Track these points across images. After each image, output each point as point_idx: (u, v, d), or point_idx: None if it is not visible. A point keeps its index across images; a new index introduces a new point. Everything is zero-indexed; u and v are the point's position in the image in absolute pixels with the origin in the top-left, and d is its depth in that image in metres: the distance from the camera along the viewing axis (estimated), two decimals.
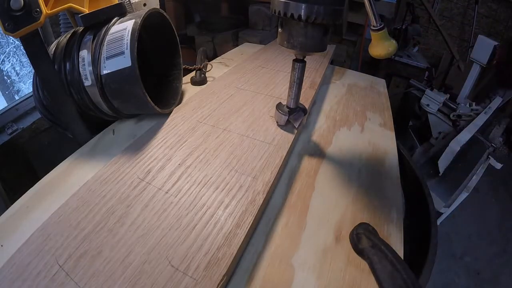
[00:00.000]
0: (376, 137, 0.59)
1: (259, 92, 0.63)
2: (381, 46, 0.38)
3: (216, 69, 0.79)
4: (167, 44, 0.61)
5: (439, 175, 1.28)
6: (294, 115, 0.50)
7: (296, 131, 0.50)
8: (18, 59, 1.48)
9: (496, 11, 2.26)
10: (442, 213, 1.22)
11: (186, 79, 0.72)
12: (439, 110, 1.47)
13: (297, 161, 0.50)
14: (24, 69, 1.49)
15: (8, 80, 1.48)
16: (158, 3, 0.65)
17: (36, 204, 0.39)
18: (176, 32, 0.60)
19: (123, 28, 0.45)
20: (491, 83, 1.50)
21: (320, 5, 0.35)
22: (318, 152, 0.52)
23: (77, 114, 0.49)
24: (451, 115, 1.39)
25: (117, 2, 0.51)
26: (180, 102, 0.59)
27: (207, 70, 0.75)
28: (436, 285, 1.30)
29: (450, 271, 1.37)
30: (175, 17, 1.70)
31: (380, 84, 0.85)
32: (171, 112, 0.55)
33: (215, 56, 1.01)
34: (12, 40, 1.38)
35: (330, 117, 0.64)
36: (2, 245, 0.33)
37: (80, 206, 0.35)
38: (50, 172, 0.44)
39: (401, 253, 0.35)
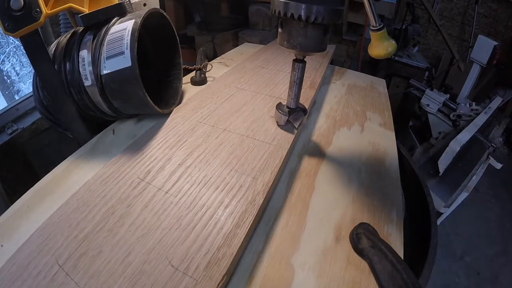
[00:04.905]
0: (376, 137, 0.59)
1: (259, 92, 0.63)
2: (380, 46, 0.38)
3: (216, 69, 0.79)
4: (167, 44, 0.61)
5: (439, 175, 1.28)
6: (294, 115, 0.50)
7: (296, 131, 0.50)
8: (18, 59, 1.48)
9: (496, 11, 2.27)
10: (442, 213, 1.22)
11: (186, 79, 0.72)
12: (439, 110, 1.47)
13: (297, 161, 0.50)
14: (24, 69, 1.49)
15: (8, 80, 1.47)
16: (158, 3, 0.65)
17: (36, 204, 0.39)
18: (176, 32, 0.60)
19: (123, 28, 0.45)
20: (491, 83, 1.50)
21: (320, 5, 0.35)
22: (318, 152, 0.52)
23: (77, 114, 0.49)
24: (451, 115, 1.39)
25: (117, 2, 0.51)
26: (180, 102, 0.59)
27: (207, 70, 0.75)
28: (436, 285, 1.30)
29: (450, 271, 1.37)
30: (175, 17, 1.70)
31: (380, 84, 0.85)
32: (171, 112, 0.55)
33: (215, 56, 1.01)
34: (12, 40, 1.38)
35: (330, 117, 0.64)
36: (2, 245, 0.33)
37: (80, 206, 0.35)
38: (50, 172, 0.44)
39: (401, 253, 0.35)
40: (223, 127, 0.50)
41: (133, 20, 0.45)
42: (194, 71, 0.72)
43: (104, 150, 0.49)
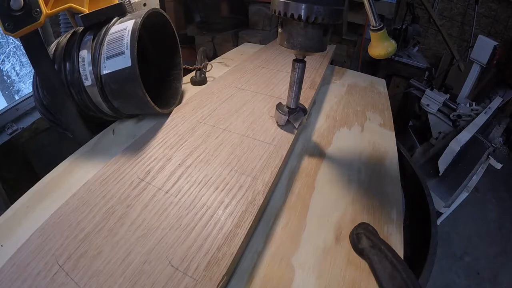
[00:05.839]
0: (376, 137, 0.59)
1: (259, 92, 0.63)
2: (380, 46, 0.38)
3: (216, 69, 0.79)
4: (167, 44, 0.61)
5: (439, 175, 1.28)
6: (294, 115, 0.50)
7: (296, 131, 0.50)
8: (18, 59, 1.48)
9: (496, 11, 2.26)
10: (442, 213, 1.22)
11: (186, 79, 0.72)
12: (439, 110, 1.47)
13: (297, 161, 0.50)
14: (24, 69, 1.49)
15: (8, 80, 1.47)
16: (158, 3, 0.65)
17: (36, 204, 0.39)
18: (176, 32, 0.60)
19: (123, 28, 0.45)
20: (491, 83, 1.50)
21: (320, 5, 0.35)
22: (318, 152, 0.52)
23: (77, 114, 0.49)
24: (451, 115, 1.39)
25: (117, 2, 0.51)
26: (180, 102, 0.59)
27: (207, 70, 0.75)
28: (436, 285, 1.30)
29: (450, 271, 1.37)
30: (175, 17, 1.70)
31: (380, 84, 0.85)
32: (171, 112, 0.55)
33: (215, 56, 1.01)
34: (12, 40, 1.38)
35: (330, 117, 0.64)
36: (2, 245, 0.33)
37: (80, 206, 0.35)
38: (50, 172, 0.44)
39: (401, 253, 0.35)
40: (223, 127, 0.50)
41: (133, 20, 0.45)
42: (194, 71, 0.72)
43: (104, 150, 0.49)
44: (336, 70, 0.92)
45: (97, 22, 0.47)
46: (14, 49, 1.45)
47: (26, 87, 1.48)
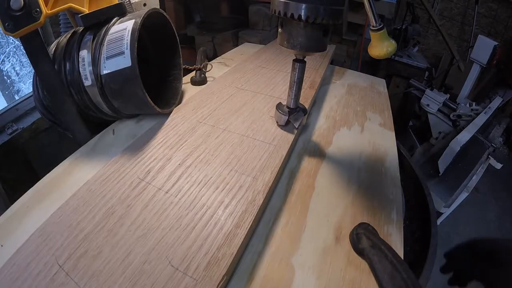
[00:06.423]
0: (376, 137, 0.59)
1: (259, 92, 0.63)
2: (380, 46, 0.38)
3: (216, 69, 0.79)
4: (167, 44, 0.61)
5: (439, 175, 1.28)
6: (294, 115, 0.50)
7: (296, 131, 0.50)
8: (18, 59, 1.48)
9: (496, 11, 2.26)
10: (442, 213, 1.22)
11: (186, 79, 0.72)
12: (439, 110, 1.47)
13: (297, 161, 0.50)
14: (24, 69, 1.49)
15: (8, 80, 1.48)
16: (158, 3, 0.65)
17: (36, 204, 0.39)
18: (176, 32, 0.60)
19: (123, 28, 0.45)
20: (491, 83, 1.50)
21: (320, 5, 0.35)
22: (318, 152, 0.52)
23: (77, 114, 0.49)
24: (451, 115, 1.39)
25: (117, 2, 0.51)
26: (180, 102, 0.59)
27: (207, 70, 0.75)
28: (436, 285, 1.30)
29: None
30: (175, 17, 1.70)
31: (380, 84, 0.85)
32: (171, 112, 0.55)
33: (215, 56, 1.01)
34: (12, 40, 1.38)
35: (330, 117, 0.64)
36: (2, 245, 0.33)
37: (80, 206, 0.35)
38: (50, 172, 0.44)
39: (401, 253, 0.35)
40: (223, 127, 0.50)
41: (133, 20, 0.45)
42: (194, 71, 0.72)
43: (104, 150, 0.49)
44: (336, 70, 0.92)
45: (97, 22, 0.47)
46: (14, 49, 1.45)
47: (26, 87, 1.48)
